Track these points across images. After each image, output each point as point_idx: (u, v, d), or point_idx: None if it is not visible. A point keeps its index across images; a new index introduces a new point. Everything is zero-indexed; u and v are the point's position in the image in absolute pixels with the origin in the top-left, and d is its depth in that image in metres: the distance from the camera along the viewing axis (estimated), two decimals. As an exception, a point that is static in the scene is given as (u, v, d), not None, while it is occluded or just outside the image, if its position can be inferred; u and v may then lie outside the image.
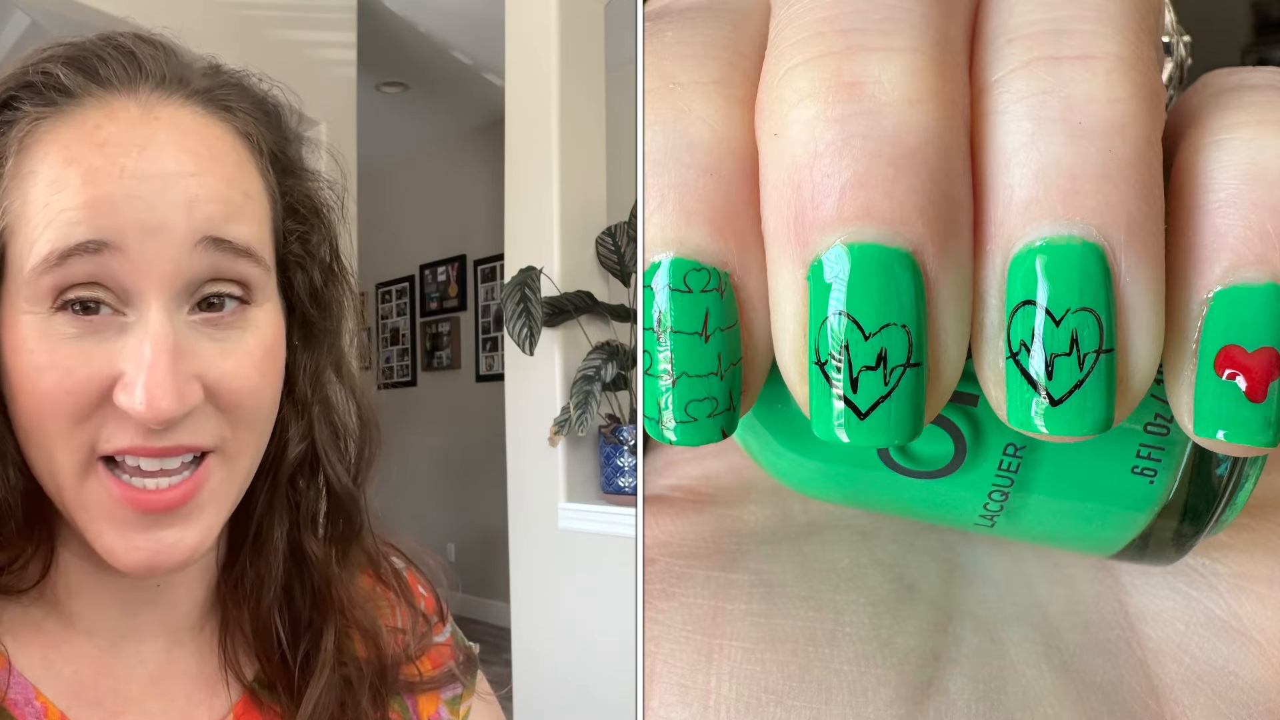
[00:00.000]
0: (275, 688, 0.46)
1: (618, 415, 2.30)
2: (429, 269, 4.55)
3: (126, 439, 0.38)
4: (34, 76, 0.40)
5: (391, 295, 4.76)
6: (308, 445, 0.46)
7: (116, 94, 0.40)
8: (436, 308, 4.53)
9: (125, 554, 0.39)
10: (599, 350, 2.22)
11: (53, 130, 0.39)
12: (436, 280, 4.53)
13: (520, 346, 2.20)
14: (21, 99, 0.40)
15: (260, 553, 0.46)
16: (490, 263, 4.17)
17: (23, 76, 0.41)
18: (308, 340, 0.46)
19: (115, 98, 0.40)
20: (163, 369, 0.37)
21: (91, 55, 0.41)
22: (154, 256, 0.38)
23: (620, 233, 2.35)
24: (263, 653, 0.46)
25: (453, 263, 4.43)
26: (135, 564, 0.39)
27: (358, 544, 0.50)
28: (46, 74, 0.40)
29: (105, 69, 0.41)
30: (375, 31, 3.10)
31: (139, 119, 0.40)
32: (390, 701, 0.49)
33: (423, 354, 4.62)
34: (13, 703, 0.40)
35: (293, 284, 0.44)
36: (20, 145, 0.39)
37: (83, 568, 0.43)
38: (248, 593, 0.46)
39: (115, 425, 0.38)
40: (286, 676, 0.46)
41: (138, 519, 0.39)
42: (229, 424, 0.40)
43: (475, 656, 0.56)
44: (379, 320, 4.82)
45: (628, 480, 2.21)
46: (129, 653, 0.44)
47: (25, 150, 0.39)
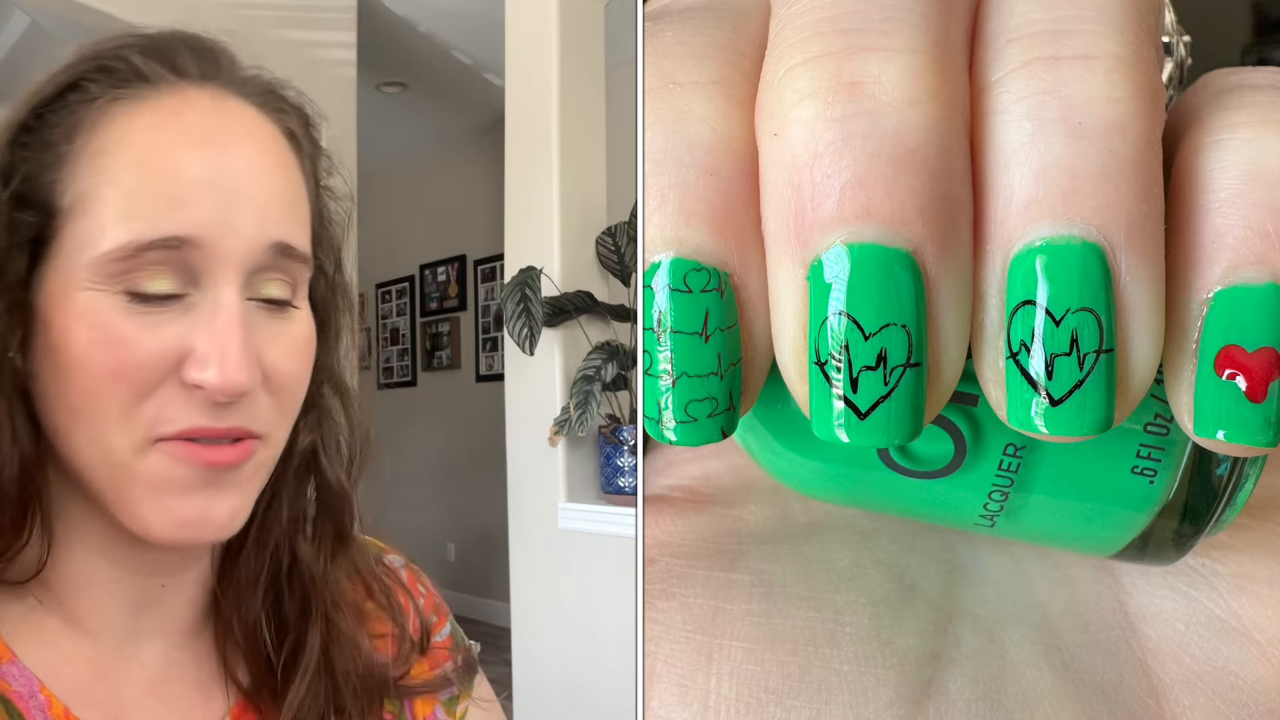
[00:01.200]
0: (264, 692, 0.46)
1: (618, 415, 2.30)
2: (429, 269, 4.55)
3: (189, 419, 0.38)
4: (110, 61, 0.41)
5: (391, 295, 4.76)
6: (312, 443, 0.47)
7: (190, 85, 0.41)
8: (436, 308, 4.53)
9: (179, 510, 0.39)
10: (599, 350, 2.22)
11: (129, 113, 0.40)
12: (436, 280, 4.52)
13: (520, 346, 2.20)
14: (96, 80, 0.41)
15: (258, 552, 0.46)
16: (490, 263, 4.17)
17: (97, 60, 0.41)
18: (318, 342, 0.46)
19: (189, 88, 0.41)
20: (237, 344, 0.38)
21: (167, 46, 0.42)
22: (229, 251, 0.39)
23: (620, 233, 2.35)
24: (250, 655, 0.46)
25: (453, 263, 4.43)
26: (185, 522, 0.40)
27: (347, 546, 0.50)
28: (124, 59, 0.41)
29: (181, 60, 0.42)
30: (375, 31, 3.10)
31: (213, 110, 0.41)
32: (385, 703, 0.49)
33: (423, 354, 4.62)
34: (17, 695, 0.40)
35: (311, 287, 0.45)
36: (93, 124, 0.40)
37: (97, 565, 0.43)
38: (241, 593, 0.46)
39: (177, 405, 0.38)
40: (271, 680, 0.46)
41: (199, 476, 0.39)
42: (275, 409, 0.41)
43: (475, 657, 0.56)
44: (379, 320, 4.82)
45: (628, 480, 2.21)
46: (129, 655, 0.44)
47: (98, 129, 0.40)
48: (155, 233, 0.38)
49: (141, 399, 0.38)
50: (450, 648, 0.54)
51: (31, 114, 0.41)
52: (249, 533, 0.46)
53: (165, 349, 0.38)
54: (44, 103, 0.41)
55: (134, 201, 0.38)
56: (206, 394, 0.38)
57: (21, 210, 0.39)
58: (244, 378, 0.38)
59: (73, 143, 0.40)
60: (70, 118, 0.40)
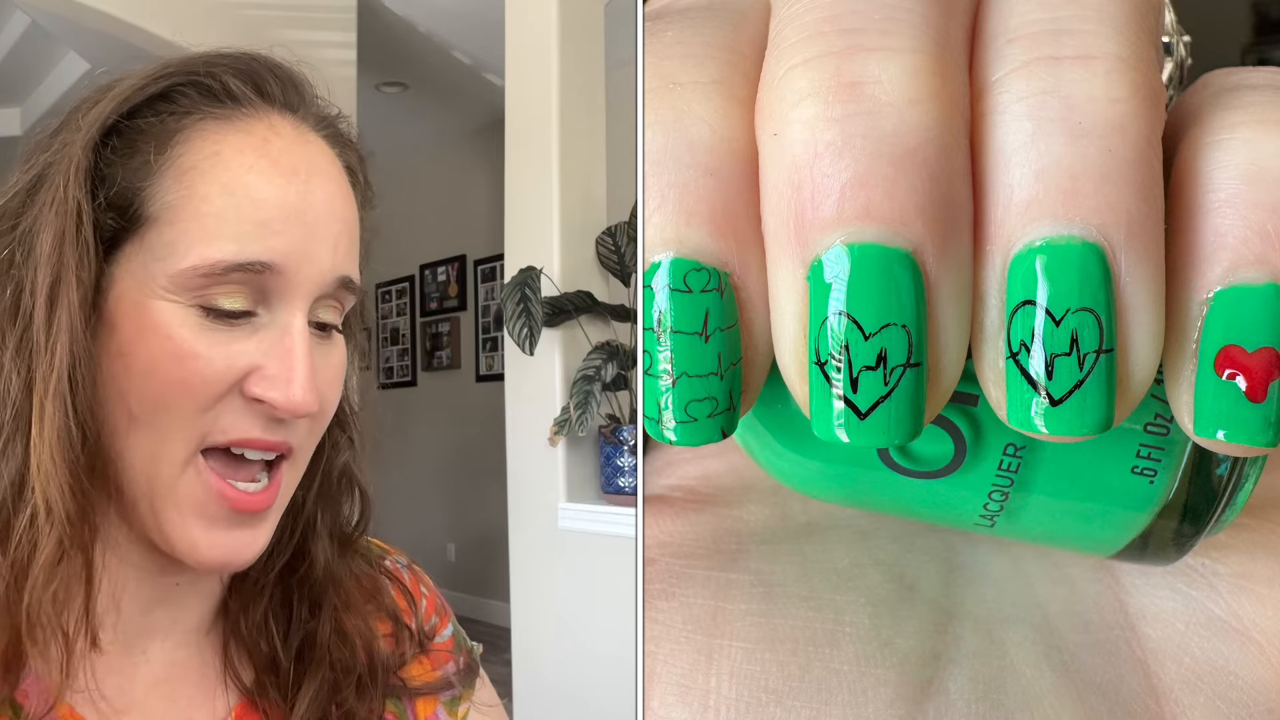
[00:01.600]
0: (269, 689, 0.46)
1: (618, 415, 2.30)
2: (429, 269, 4.55)
3: (243, 430, 0.40)
4: (204, 78, 0.42)
5: (391, 295, 4.76)
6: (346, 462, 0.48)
7: (274, 112, 0.42)
8: (436, 308, 4.53)
9: (208, 549, 0.41)
10: (599, 350, 2.22)
11: (219, 132, 0.41)
12: (436, 280, 4.52)
13: (520, 346, 2.20)
14: (187, 94, 0.42)
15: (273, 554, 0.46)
16: (490, 263, 4.17)
17: (190, 74, 0.42)
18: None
19: (274, 115, 0.42)
20: (305, 367, 0.40)
21: (258, 71, 0.43)
22: (304, 279, 0.40)
23: (620, 233, 2.35)
24: (256, 652, 0.47)
25: (453, 263, 4.43)
26: (214, 559, 0.41)
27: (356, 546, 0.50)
28: (216, 78, 0.42)
29: (269, 86, 0.43)
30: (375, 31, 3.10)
31: (297, 139, 0.42)
32: (388, 703, 0.49)
33: (423, 354, 4.62)
34: (23, 693, 0.40)
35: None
36: (185, 138, 0.41)
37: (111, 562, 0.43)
38: (250, 595, 0.47)
39: (234, 416, 0.40)
40: (279, 678, 0.46)
41: (226, 516, 0.41)
42: (310, 427, 0.43)
43: (477, 658, 0.56)
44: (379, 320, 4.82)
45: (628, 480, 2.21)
46: (137, 652, 0.44)
47: (190, 144, 0.41)
48: (243, 256, 0.39)
49: (205, 410, 0.39)
50: (452, 649, 0.54)
51: (123, 117, 0.41)
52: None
53: (234, 366, 0.39)
54: (134, 109, 0.42)
55: (222, 222, 0.39)
56: (269, 410, 0.40)
57: (107, 211, 0.40)
58: (311, 399, 0.40)
59: (164, 154, 0.40)
60: (160, 128, 0.41)
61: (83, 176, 0.40)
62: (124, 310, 0.40)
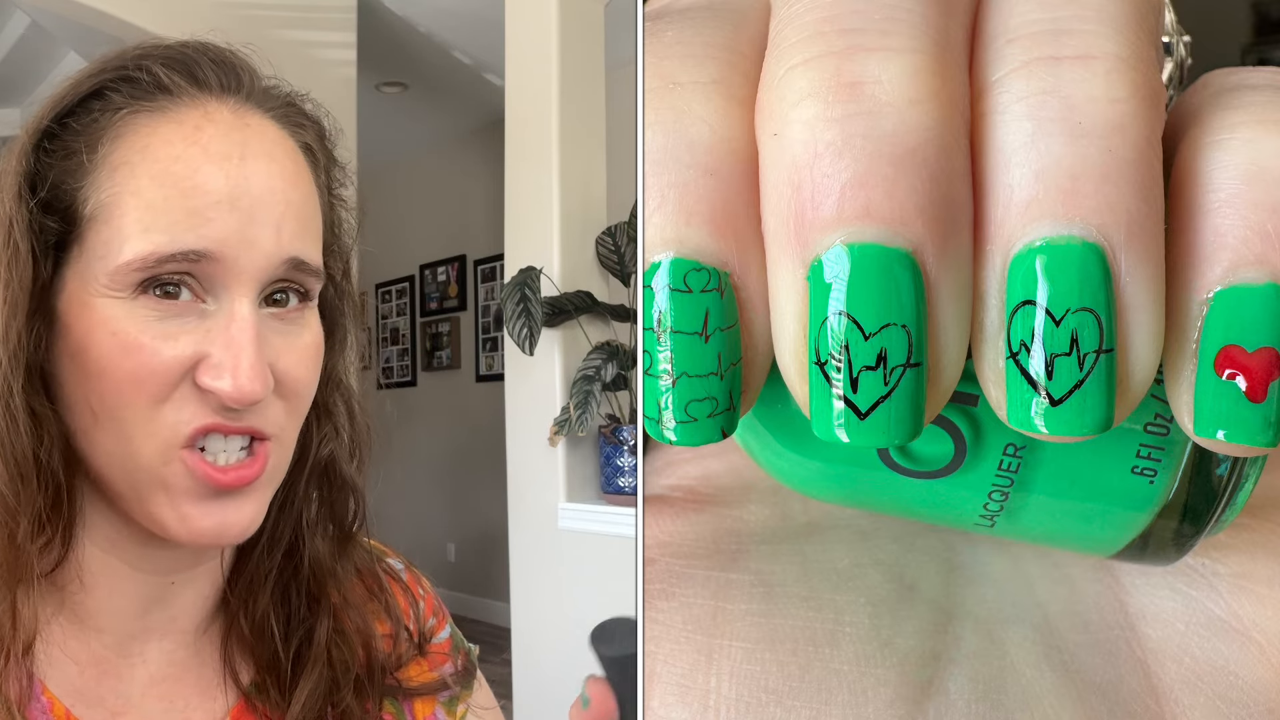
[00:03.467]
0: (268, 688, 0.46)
1: (618, 415, 2.30)
2: (429, 269, 4.55)
3: (204, 418, 0.40)
4: (134, 72, 0.42)
5: (391, 295, 4.76)
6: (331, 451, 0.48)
7: (211, 98, 0.42)
8: (436, 308, 4.53)
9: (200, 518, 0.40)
10: (599, 350, 2.22)
11: (150, 124, 0.40)
12: (436, 280, 4.52)
13: (520, 346, 2.20)
14: (118, 90, 0.41)
15: (271, 549, 0.47)
16: (490, 263, 4.17)
17: (120, 70, 0.42)
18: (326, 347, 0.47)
19: (210, 101, 0.42)
20: (251, 354, 0.39)
21: (190, 59, 0.43)
22: (245, 265, 0.40)
23: (620, 233, 2.34)
24: (258, 649, 0.46)
25: (453, 263, 4.43)
26: (208, 528, 0.41)
27: (354, 542, 0.50)
28: (146, 70, 0.41)
29: (203, 72, 0.42)
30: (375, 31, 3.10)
31: (234, 123, 0.42)
32: (385, 703, 0.49)
33: (423, 354, 4.61)
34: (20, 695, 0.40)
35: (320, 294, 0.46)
36: (115, 134, 0.40)
37: (104, 559, 0.43)
38: (249, 592, 0.46)
39: (194, 407, 0.40)
40: (278, 674, 0.46)
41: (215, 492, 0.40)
42: (285, 412, 0.42)
43: (474, 660, 0.56)
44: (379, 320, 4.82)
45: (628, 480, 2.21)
46: (133, 653, 0.44)
47: (120, 140, 0.40)
48: (175, 246, 0.38)
49: (161, 401, 0.39)
50: (449, 650, 0.54)
51: (55, 120, 0.41)
52: (263, 534, 0.46)
53: (182, 356, 0.39)
54: (67, 110, 0.41)
55: (154, 214, 0.39)
56: (220, 400, 0.39)
57: (47, 215, 0.40)
58: (258, 386, 0.39)
59: (95, 152, 0.40)
60: (93, 127, 0.41)
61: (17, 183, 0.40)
62: (74, 312, 0.40)
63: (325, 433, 0.48)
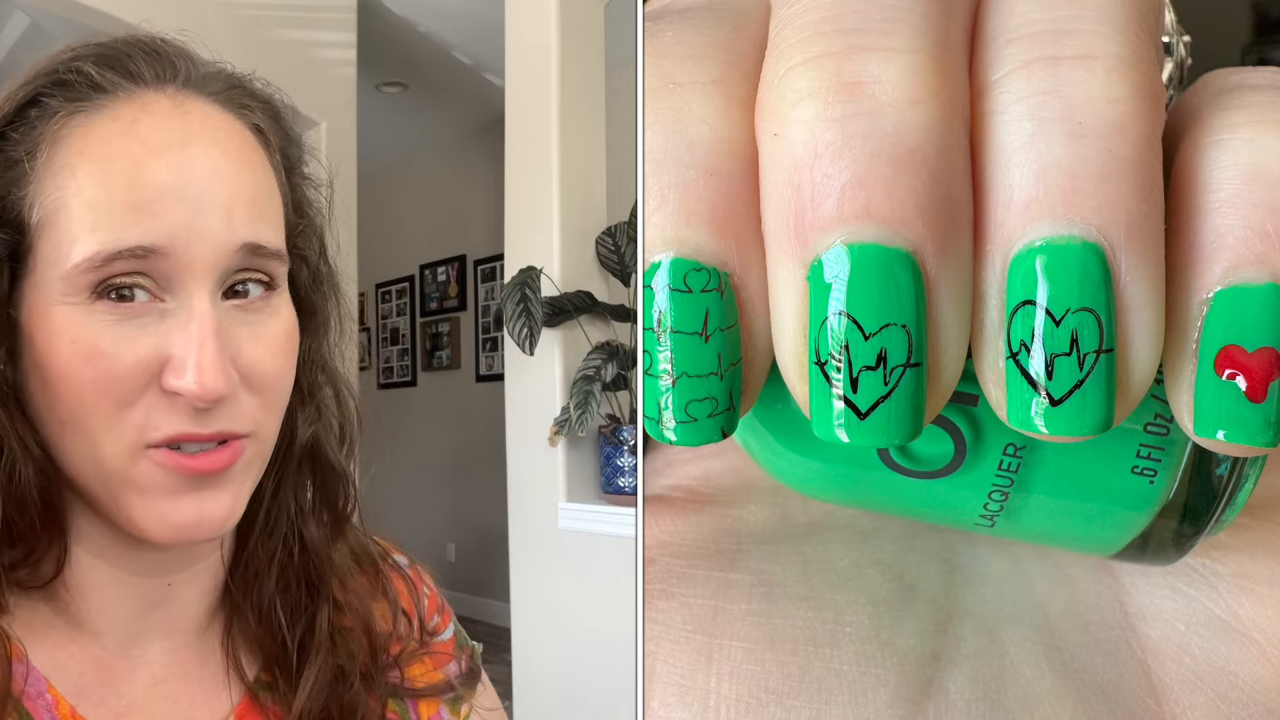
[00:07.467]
0: (275, 680, 0.46)
1: (618, 415, 2.30)
2: (429, 269, 4.55)
3: (174, 425, 0.39)
4: (66, 74, 0.41)
5: (391, 295, 4.76)
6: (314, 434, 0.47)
7: (147, 90, 0.41)
8: (436, 308, 4.53)
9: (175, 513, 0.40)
10: (599, 350, 2.22)
11: (87, 124, 0.40)
12: (436, 280, 4.52)
13: (520, 346, 2.20)
14: (53, 95, 0.41)
15: (267, 539, 0.46)
16: (490, 263, 4.17)
17: (53, 74, 0.41)
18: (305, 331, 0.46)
19: (146, 93, 0.41)
20: (211, 350, 0.38)
21: (121, 53, 0.42)
22: (197, 256, 0.39)
23: (620, 233, 2.34)
24: (265, 640, 0.47)
25: (453, 263, 4.43)
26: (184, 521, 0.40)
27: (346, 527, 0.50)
28: (78, 71, 0.41)
29: (135, 65, 0.41)
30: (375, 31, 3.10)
31: (172, 113, 0.41)
32: (390, 703, 0.49)
33: (423, 354, 4.61)
34: (26, 694, 0.40)
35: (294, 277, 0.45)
36: (54, 139, 0.40)
37: (98, 566, 0.43)
38: (252, 582, 0.46)
39: (163, 412, 0.39)
40: (285, 663, 0.46)
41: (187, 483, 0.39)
42: (260, 407, 0.41)
43: (478, 660, 0.56)
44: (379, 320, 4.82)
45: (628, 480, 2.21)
46: (135, 654, 0.44)
47: (59, 144, 0.40)
48: (121, 243, 0.38)
49: (126, 407, 0.38)
50: (453, 649, 0.54)
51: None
52: (257, 522, 0.46)
53: (144, 358, 0.38)
54: (5, 120, 0.41)
55: (98, 212, 0.38)
56: (186, 400, 0.38)
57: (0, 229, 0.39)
58: (220, 383, 0.38)
59: (36, 159, 0.40)
60: (31, 134, 0.40)
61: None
62: (35, 323, 0.39)
63: (309, 415, 0.47)
